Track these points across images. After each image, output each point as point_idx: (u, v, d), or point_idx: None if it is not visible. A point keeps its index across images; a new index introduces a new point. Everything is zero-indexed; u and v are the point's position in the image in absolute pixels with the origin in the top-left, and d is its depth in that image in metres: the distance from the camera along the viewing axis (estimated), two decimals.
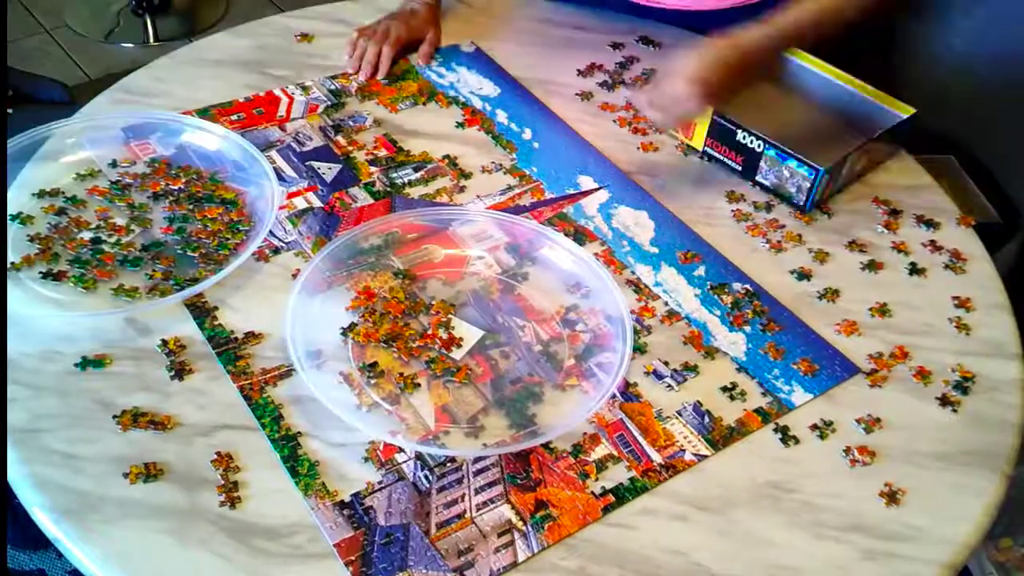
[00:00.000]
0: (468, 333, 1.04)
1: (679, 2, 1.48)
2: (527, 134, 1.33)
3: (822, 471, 0.95)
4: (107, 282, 1.06)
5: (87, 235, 1.11)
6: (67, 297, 1.04)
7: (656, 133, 1.35)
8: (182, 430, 0.93)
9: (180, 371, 0.98)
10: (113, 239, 1.11)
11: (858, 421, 1.00)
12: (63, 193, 1.16)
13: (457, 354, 1.02)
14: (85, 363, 0.98)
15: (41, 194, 1.15)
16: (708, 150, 1.30)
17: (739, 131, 1.25)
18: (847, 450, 0.97)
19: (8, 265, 1.06)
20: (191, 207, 1.15)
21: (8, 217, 1.11)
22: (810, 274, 1.16)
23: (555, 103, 1.39)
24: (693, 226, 1.21)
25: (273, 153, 1.25)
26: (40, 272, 1.06)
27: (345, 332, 1.03)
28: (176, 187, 1.18)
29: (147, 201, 1.16)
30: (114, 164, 1.20)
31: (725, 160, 1.29)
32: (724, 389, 1.02)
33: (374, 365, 1.00)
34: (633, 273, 1.14)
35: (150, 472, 0.89)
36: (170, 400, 0.96)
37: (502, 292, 1.10)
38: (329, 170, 1.24)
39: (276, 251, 1.12)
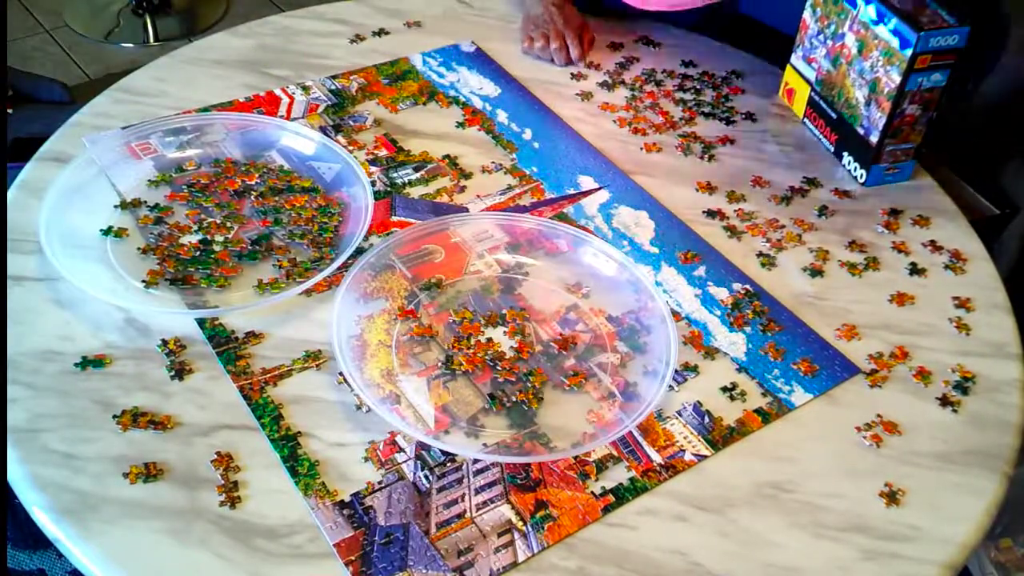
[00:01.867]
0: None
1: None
2: (527, 134, 1.33)
3: (822, 471, 0.95)
4: (234, 278, 1.07)
5: (193, 239, 1.11)
6: (208, 298, 1.05)
7: (656, 133, 1.35)
8: (182, 430, 0.93)
9: (180, 371, 0.98)
10: (220, 238, 1.12)
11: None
12: (146, 203, 1.15)
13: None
14: (85, 363, 0.98)
15: (124, 206, 1.15)
16: (807, 121, 1.39)
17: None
18: (858, 429, 0.98)
19: (140, 284, 1.06)
20: (276, 199, 1.17)
21: (99, 231, 1.11)
22: (810, 274, 1.16)
23: (555, 103, 1.39)
24: (693, 226, 1.21)
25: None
26: (167, 279, 1.06)
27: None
28: (252, 182, 1.19)
29: (232, 199, 1.17)
30: (180, 169, 1.21)
31: (820, 136, 1.37)
32: (724, 389, 1.02)
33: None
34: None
35: (150, 472, 0.89)
36: (170, 400, 0.96)
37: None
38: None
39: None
